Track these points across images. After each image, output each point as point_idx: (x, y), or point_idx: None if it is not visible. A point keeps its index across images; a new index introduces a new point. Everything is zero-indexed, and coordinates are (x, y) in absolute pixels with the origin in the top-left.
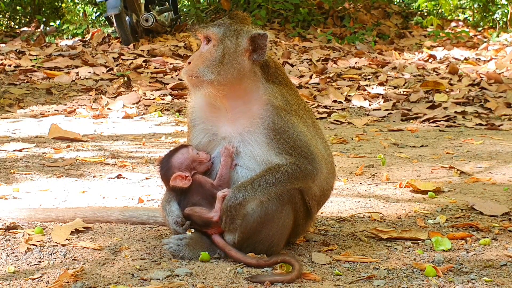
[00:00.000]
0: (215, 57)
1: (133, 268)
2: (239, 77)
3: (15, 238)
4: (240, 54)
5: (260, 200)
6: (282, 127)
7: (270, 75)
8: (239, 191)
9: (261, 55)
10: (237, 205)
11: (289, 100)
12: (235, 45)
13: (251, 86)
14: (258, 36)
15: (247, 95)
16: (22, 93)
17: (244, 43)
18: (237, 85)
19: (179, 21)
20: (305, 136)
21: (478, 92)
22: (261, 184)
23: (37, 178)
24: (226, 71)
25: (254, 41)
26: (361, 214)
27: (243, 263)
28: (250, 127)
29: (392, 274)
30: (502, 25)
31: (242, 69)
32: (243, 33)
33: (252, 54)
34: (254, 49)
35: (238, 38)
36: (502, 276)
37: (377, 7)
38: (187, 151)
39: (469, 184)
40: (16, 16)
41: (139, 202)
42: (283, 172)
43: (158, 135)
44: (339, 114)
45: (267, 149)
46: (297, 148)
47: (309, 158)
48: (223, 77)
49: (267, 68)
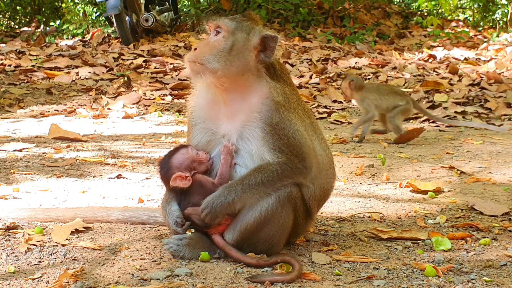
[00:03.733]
0: (223, 48)
1: (133, 268)
2: (242, 71)
3: (15, 238)
4: (248, 49)
5: (249, 201)
6: (279, 123)
7: (275, 75)
8: (228, 191)
9: (268, 56)
10: (225, 204)
11: (289, 98)
12: (246, 40)
13: (253, 81)
14: (269, 37)
15: (248, 90)
16: (22, 93)
17: (255, 40)
18: (239, 79)
19: (179, 21)
20: (300, 134)
21: (478, 92)
22: (251, 183)
23: (37, 178)
24: (232, 62)
25: (264, 41)
26: (361, 214)
27: (243, 263)
28: (248, 121)
29: (392, 274)
30: (502, 25)
31: (247, 64)
32: (255, 31)
33: (260, 53)
34: (262, 49)
35: (250, 34)
36: (502, 276)
37: (377, 7)
38: (186, 152)
39: (469, 184)
40: (16, 16)
41: (139, 202)
42: (272, 170)
43: (158, 135)
44: (339, 114)
45: (261, 144)
46: (290, 145)
47: (299, 157)
48: (227, 69)
49: (273, 68)
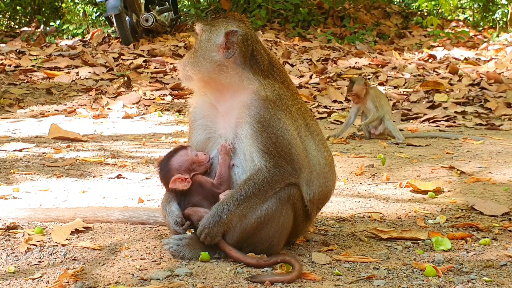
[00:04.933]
0: (192, 51)
1: (133, 268)
2: (217, 72)
3: (15, 238)
4: (211, 49)
5: (244, 214)
6: (267, 120)
7: (260, 71)
8: (222, 210)
9: (230, 52)
10: (221, 223)
11: (281, 95)
12: (207, 40)
13: (237, 80)
14: (230, 33)
15: (235, 89)
16: (22, 93)
17: (219, 39)
18: (220, 80)
19: (179, 21)
20: (289, 134)
21: (478, 92)
22: (242, 198)
23: (37, 178)
24: (200, 65)
25: (228, 38)
26: (361, 214)
27: (243, 263)
28: (239, 119)
29: (392, 274)
30: (502, 25)
31: (217, 64)
32: (220, 28)
33: (225, 51)
34: (228, 46)
35: (213, 33)
36: (502, 276)
37: (377, 7)
38: (186, 153)
39: (469, 184)
40: (16, 16)
41: (139, 202)
42: (262, 179)
43: (158, 135)
44: (339, 114)
45: (251, 143)
46: (278, 146)
47: (287, 159)
48: (198, 71)
49: (257, 64)
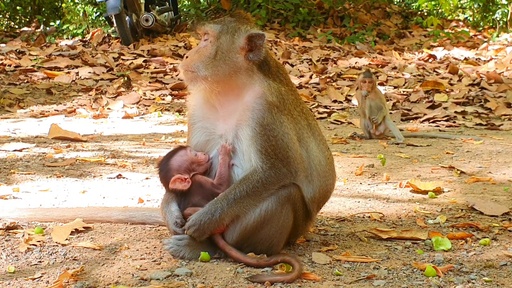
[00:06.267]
0: (210, 53)
1: (133, 268)
2: (233, 74)
3: (15, 238)
4: (234, 51)
5: (237, 214)
6: (270, 123)
7: (270, 73)
8: (215, 208)
9: (257, 55)
10: (212, 221)
11: (285, 98)
12: (230, 43)
13: (246, 82)
14: (255, 36)
15: (241, 90)
16: (22, 93)
17: (240, 41)
18: (232, 82)
19: (179, 21)
20: (289, 138)
21: (478, 92)
22: (236, 197)
23: (37, 178)
24: (220, 67)
25: (251, 41)
26: (361, 214)
27: (243, 263)
28: (241, 120)
29: (392, 274)
30: (502, 25)
31: (236, 66)
32: (240, 31)
33: (248, 53)
34: (250, 49)
35: (235, 36)
36: (502, 276)
37: (377, 7)
38: (185, 153)
39: (469, 184)
40: (16, 16)
41: (139, 202)
42: (256, 180)
43: (158, 135)
44: (339, 114)
45: (250, 144)
46: (277, 148)
47: (284, 161)
48: (216, 74)
49: (267, 67)
